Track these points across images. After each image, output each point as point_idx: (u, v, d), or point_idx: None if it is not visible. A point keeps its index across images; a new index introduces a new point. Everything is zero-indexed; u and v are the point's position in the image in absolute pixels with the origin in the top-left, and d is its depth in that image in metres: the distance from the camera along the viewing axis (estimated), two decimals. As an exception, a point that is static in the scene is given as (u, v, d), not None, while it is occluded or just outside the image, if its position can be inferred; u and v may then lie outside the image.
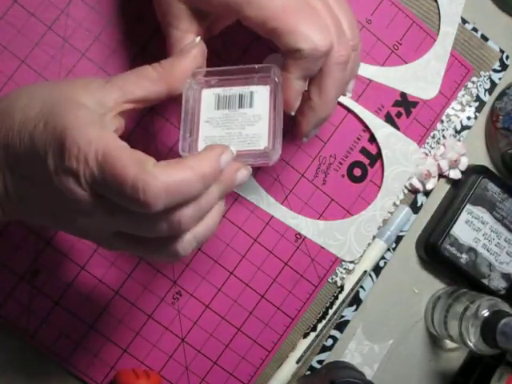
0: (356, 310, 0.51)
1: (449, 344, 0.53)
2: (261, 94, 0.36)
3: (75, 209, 0.31)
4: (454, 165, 0.52)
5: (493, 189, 0.51)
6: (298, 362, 0.49)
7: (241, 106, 0.36)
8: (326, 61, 0.36)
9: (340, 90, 0.38)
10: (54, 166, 0.30)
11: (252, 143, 0.35)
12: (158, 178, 0.29)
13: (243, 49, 0.47)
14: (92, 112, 0.32)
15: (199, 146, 0.35)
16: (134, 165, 0.29)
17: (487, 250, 0.51)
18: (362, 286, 0.51)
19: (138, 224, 0.31)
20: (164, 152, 0.46)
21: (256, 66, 0.36)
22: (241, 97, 0.36)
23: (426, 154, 0.52)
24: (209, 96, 0.37)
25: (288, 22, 0.34)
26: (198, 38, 0.37)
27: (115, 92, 0.33)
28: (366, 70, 0.50)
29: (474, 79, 0.53)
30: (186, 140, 0.35)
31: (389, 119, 0.51)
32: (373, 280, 0.51)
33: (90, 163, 0.29)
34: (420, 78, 0.51)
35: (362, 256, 0.50)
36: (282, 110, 0.36)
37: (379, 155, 0.51)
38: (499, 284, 0.52)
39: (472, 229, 0.51)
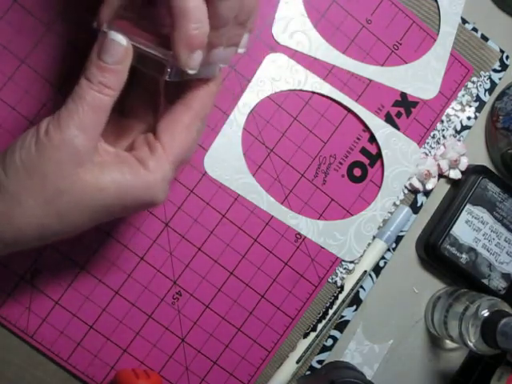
0: (356, 310, 0.51)
1: (449, 344, 0.53)
2: None
3: None
4: (454, 165, 0.52)
5: (493, 189, 0.51)
6: (298, 362, 0.49)
7: None
8: None
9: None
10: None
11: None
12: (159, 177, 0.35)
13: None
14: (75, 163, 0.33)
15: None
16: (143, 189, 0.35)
17: (487, 250, 0.51)
18: (362, 286, 0.51)
19: None
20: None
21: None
22: None
23: (426, 154, 0.52)
24: None
25: None
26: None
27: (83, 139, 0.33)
28: (366, 70, 0.50)
29: (474, 79, 0.53)
30: None
31: (389, 119, 0.51)
32: (373, 280, 0.51)
33: None
34: (420, 77, 0.51)
35: (362, 256, 0.50)
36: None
37: (379, 155, 0.51)
38: (499, 284, 0.52)
39: (472, 229, 0.51)
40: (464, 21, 0.52)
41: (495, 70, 0.53)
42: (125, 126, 0.39)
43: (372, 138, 0.51)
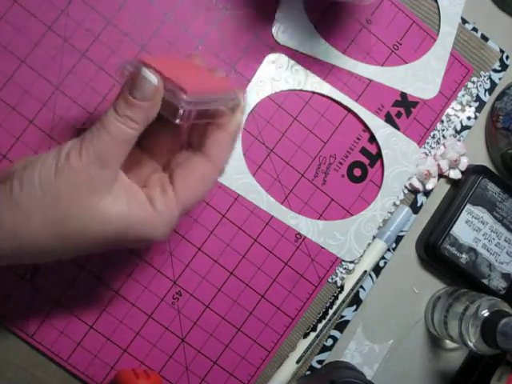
0: (356, 310, 0.51)
1: (449, 344, 0.53)
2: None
3: None
4: (454, 165, 0.52)
5: (493, 189, 0.51)
6: (298, 362, 0.49)
7: None
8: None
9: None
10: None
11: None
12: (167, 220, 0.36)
13: (243, 49, 0.47)
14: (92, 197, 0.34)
15: None
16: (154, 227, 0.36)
17: (487, 250, 0.51)
18: (362, 286, 0.51)
19: None
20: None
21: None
22: None
23: (426, 154, 0.52)
24: None
25: None
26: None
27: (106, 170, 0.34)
28: (366, 70, 0.50)
29: (474, 79, 0.53)
30: None
31: (389, 119, 0.51)
32: (373, 280, 0.51)
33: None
34: (420, 77, 0.51)
35: (362, 256, 0.50)
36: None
37: (379, 155, 0.51)
38: (499, 284, 0.52)
39: (472, 229, 0.51)
40: (464, 21, 0.52)
41: (495, 70, 0.53)
42: (139, 159, 0.39)
43: (372, 138, 0.51)
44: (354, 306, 0.51)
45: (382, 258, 0.51)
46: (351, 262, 0.50)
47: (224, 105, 0.37)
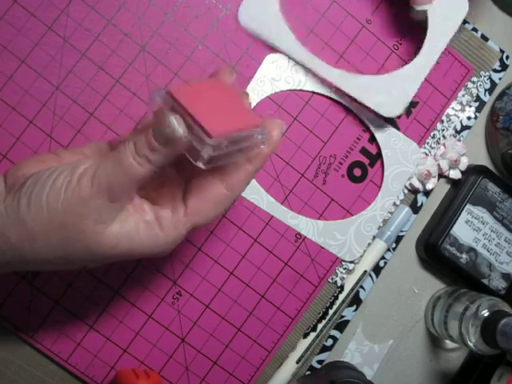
0: (356, 310, 0.51)
1: (449, 344, 0.53)
2: None
3: None
4: (454, 165, 0.52)
5: (493, 189, 0.51)
6: (298, 362, 0.49)
7: None
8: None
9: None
10: None
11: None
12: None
13: (243, 49, 0.47)
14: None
15: None
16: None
17: (487, 250, 0.51)
18: (362, 286, 0.51)
19: None
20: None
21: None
22: None
23: (426, 154, 0.52)
24: None
25: None
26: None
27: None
28: (357, 79, 0.50)
29: (474, 79, 0.53)
30: None
31: (389, 119, 0.51)
32: (373, 280, 0.51)
33: None
34: (384, 92, 0.48)
35: (362, 256, 0.50)
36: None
37: (379, 155, 0.51)
38: (499, 284, 0.52)
39: (472, 229, 0.51)
40: (464, 21, 0.52)
41: (495, 70, 0.53)
42: None
43: (372, 138, 0.51)
44: (354, 306, 0.51)
45: (382, 258, 0.51)
46: (351, 262, 0.50)
47: (250, 142, 0.35)
